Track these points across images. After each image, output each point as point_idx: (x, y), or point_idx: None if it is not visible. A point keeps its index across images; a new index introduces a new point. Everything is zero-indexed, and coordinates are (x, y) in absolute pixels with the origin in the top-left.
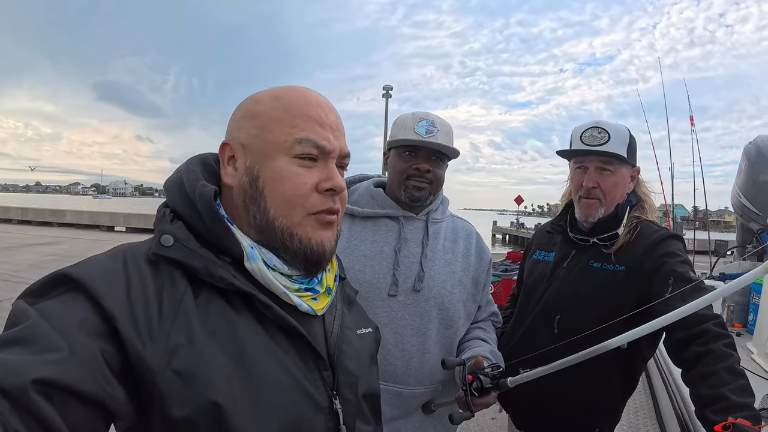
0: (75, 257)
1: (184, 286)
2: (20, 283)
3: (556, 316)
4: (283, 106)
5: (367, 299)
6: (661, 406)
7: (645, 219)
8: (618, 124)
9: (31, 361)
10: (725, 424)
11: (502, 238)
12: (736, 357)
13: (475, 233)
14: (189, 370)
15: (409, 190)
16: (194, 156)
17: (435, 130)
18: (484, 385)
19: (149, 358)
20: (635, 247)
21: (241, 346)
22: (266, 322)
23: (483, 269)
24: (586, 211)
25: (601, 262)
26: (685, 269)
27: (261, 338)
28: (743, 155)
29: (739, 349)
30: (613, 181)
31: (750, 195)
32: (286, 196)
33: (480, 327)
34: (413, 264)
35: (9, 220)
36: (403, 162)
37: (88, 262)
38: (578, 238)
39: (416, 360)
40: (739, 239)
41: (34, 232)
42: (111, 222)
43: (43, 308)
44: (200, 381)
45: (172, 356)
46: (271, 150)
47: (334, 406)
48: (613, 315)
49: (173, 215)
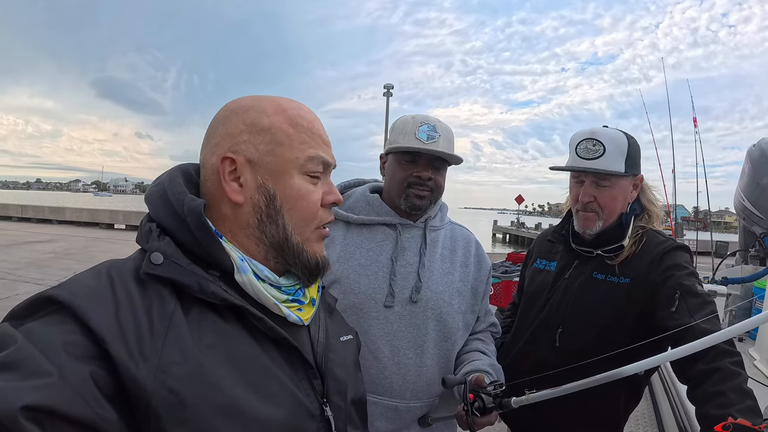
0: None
1: (174, 303)
2: (17, 281)
3: (558, 329)
4: (290, 120)
5: (361, 310)
6: (663, 414)
7: (651, 228)
8: (616, 132)
9: (20, 386)
10: (725, 424)
11: (503, 238)
12: (744, 376)
13: (475, 241)
14: (184, 388)
15: (410, 198)
16: (175, 167)
17: (437, 136)
18: (487, 404)
19: (142, 379)
20: (640, 258)
21: (235, 360)
22: (257, 334)
23: (482, 279)
24: (583, 224)
25: (605, 274)
26: (692, 282)
27: (253, 350)
28: (746, 158)
29: (742, 355)
30: (611, 195)
31: (753, 198)
32: (303, 213)
33: (479, 338)
34: (410, 274)
35: (9, 217)
36: (403, 169)
37: (73, 281)
38: (581, 249)
39: (413, 373)
40: (741, 242)
41: (34, 230)
42: (111, 219)
43: (30, 331)
44: (197, 398)
45: (166, 375)
46: (287, 167)
47: (326, 413)
48: (616, 327)
49: (160, 230)
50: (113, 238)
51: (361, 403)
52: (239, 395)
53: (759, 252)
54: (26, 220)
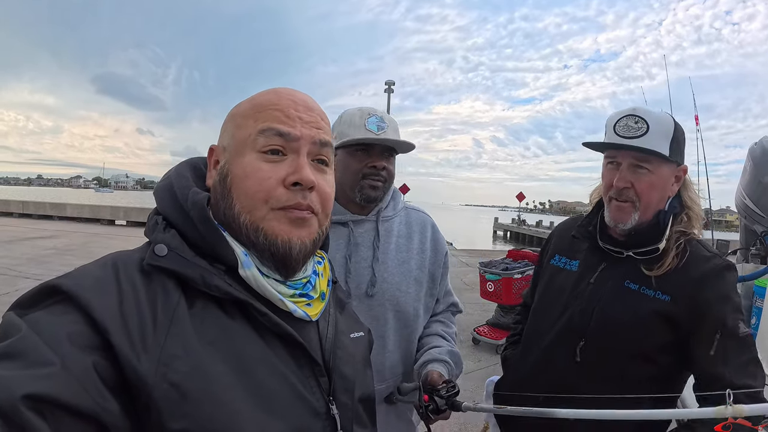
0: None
1: (178, 295)
2: (18, 277)
3: (580, 341)
4: (254, 104)
5: None
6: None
7: (693, 236)
8: (661, 112)
9: (22, 375)
10: (725, 424)
11: (504, 235)
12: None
13: (431, 224)
14: (186, 382)
15: (364, 190)
16: (184, 161)
17: (385, 126)
18: (440, 406)
19: (144, 371)
20: (684, 275)
21: (238, 355)
22: (262, 329)
23: (439, 262)
24: (616, 215)
25: (639, 284)
26: (736, 321)
27: (257, 346)
28: (748, 156)
29: None
30: (650, 181)
31: (754, 196)
32: (249, 191)
33: (439, 320)
34: (365, 269)
35: (10, 213)
36: (356, 161)
37: (79, 271)
38: (610, 248)
39: (376, 362)
40: (742, 241)
41: (35, 226)
42: (112, 216)
43: (34, 320)
44: (198, 393)
45: (168, 368)
46: (241, 147)
47: (332, 412)
48: (648, 348)
49: (165, 223)
50: (114, 234)
51: (370, 402)
52: (238, 395)
53: (760, 251)
54: (27, 216)
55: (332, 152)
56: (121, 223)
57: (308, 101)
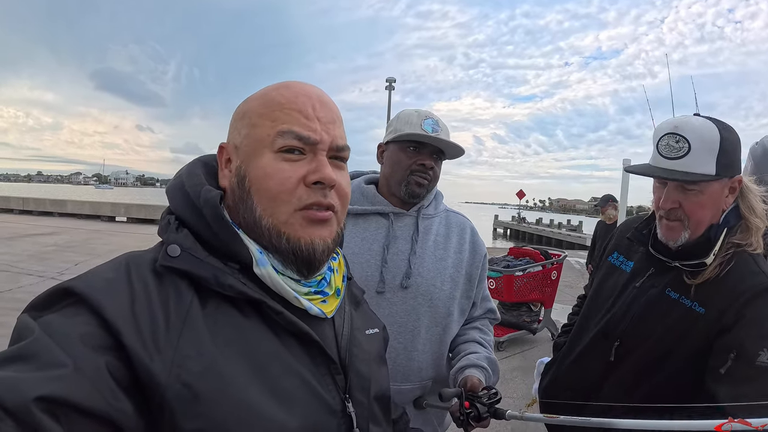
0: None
1: (191, 296)
2: (20, 273)
3: (615, 342)
4: (268, 101)
5: None
6: None
7: (745, 248)
8: (705, 122)
9: (35, 377)
10: (725, 424)
11: (504, 233)
12: None
13: (470, 227)
14: (199, 383)
15: (410, 185)
16: (196, 158)
17: (439, 129)
18: (482, 414)
19: (157, 371)
20: (723, 286)
21: (253, 354)
22: (277, 328)
23: (477, 263)
24: (666, 234)
25: (680, 293)
26: (756, 350)
27: (272, 345)
28: (749, 155)
29: None
30: (699, 202)
31: None
32: (271, 193)
33: (476, 327)
34: (401, 261)
35: (10, 210)
36: (407, 157)
37: (91, 273)
38: (660, 257)
39: (403, 357)
40: None
41: (35, 222)
42: (112, 212)
43: (47, 323)
44: (212, 393)
45: (181, 368)
46: (257, 147)
47: (347, 410)
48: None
49: (178, 223)
50: (115, 231)
51: (385, 399)
52: (254, 394)
53: None
54: (28, 213)
55: (348, 152)
56: (122, 220)
57: (323, 96)
